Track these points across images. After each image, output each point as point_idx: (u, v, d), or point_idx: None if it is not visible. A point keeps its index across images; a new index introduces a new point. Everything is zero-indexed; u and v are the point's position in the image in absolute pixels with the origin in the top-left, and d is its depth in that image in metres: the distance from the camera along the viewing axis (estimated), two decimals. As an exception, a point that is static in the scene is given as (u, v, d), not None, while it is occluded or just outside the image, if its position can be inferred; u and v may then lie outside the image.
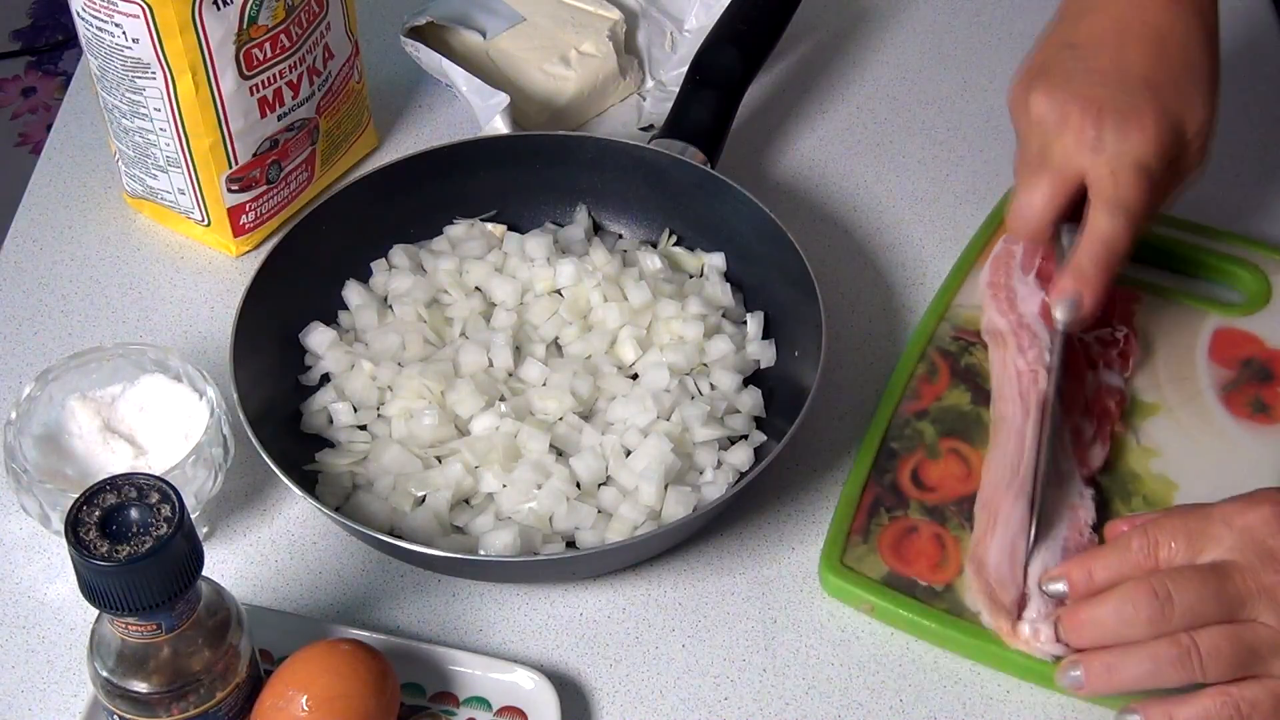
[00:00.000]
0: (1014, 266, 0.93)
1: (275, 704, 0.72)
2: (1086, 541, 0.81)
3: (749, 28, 1.03)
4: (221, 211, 0.98)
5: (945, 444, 0.87)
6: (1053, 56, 0.86)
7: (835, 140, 1.09)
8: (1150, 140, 0.81)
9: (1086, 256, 0.81)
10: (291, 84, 0.96)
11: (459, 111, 1.09)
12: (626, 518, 0.83)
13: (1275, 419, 0.88)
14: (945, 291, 0.94)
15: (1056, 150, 0.83)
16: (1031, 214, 0.84)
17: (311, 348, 0.92)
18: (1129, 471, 0.86)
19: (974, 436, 0.87)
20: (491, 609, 0.83)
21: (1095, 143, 0.81)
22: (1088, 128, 0.82)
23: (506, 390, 0.88)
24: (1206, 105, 0.84)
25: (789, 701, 0.80)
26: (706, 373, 0.90)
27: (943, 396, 0.89)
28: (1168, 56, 0.84)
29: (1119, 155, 0.81)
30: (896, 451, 0.86)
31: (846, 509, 0.84)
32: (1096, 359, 0.90)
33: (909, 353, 0.91)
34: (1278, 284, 0.95)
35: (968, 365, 0.91)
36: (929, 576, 0.81)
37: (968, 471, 0.86)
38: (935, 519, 0.84)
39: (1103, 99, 0.82)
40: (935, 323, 0.93)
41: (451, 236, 0.97)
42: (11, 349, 0.95)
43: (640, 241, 0.98)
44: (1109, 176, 0.81)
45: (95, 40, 0.91)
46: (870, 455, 0.86)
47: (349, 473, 0.86)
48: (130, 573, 0.63)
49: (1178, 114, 0.82)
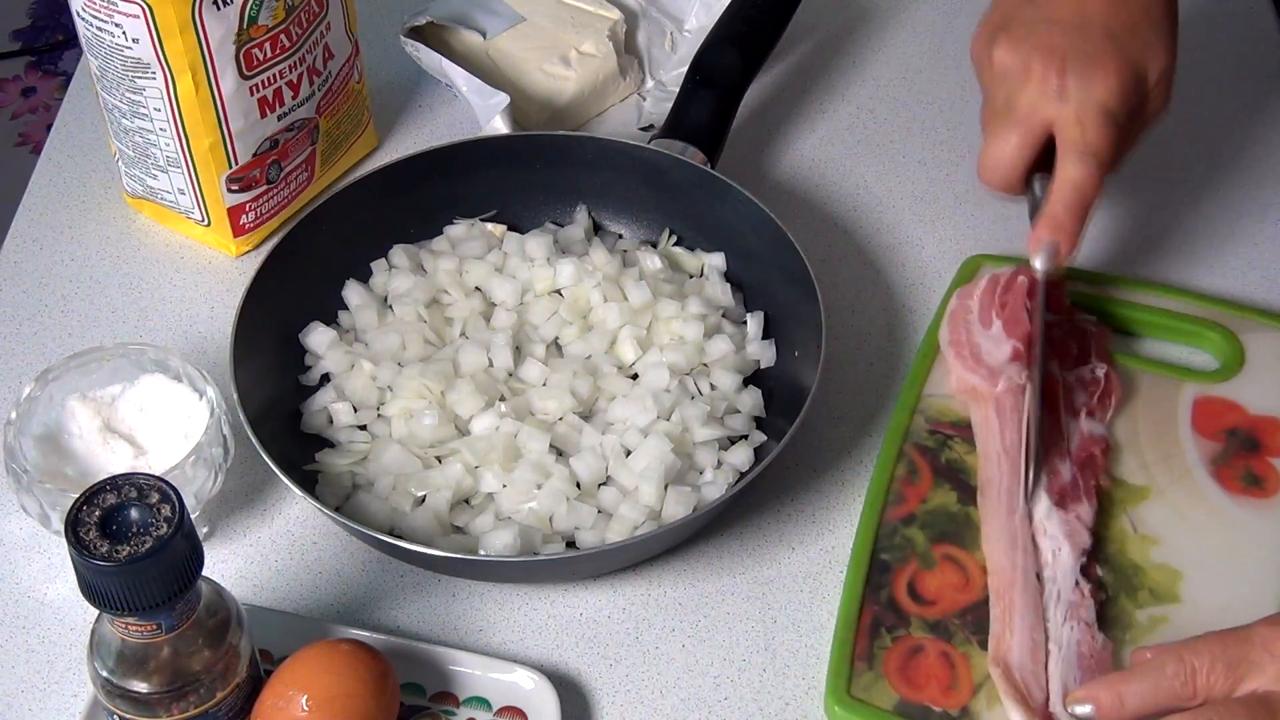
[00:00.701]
0: (972, 322, 0.90)
1: (275, 704, 0.72)
2: (1100, 648, 0.78)
3: (749, 28, 1.03)
4: (221, 211, 0.98)
5: (938, 550, 0.83)
6: (1013, 10, 0.87)
7: (835, 140, 1.09)
8: (1113, 86, 0.83)
9: (1060, 204, 0.83)
10: (291, 84, 0.96)
11: (459, 111, 1.09)
12: (626, 518, 0.83)
13: (1269, 491, 0.85)
14: (913, 382, 0.90)
15: (1022, 101, 0.84)
16: (1002, 163, 0.85)
17: (311, 348, 0.92)
18: (1131, 564, 0.82)
19: (966, 539, 0.83)
20: (491, 609, 0.83)
21: (1060, 91, 0.83)
22: (1051, 77, 0.83)
23: (506, 390, 0.88)
24: (1166, 51, 0.86)
25: (789, 702, 0.80)
26: (706, 373, 0.90)
27: (928, 498, 0.85)
28: (1126, 5, 0.85)
29: (1084, 103, 0.83)
30: (889, 564, 0.82)
31: (846, 632, 0.79)
32: (1079, 408, 0.87)
33: (885, 452, 0.86)
34: (1249, 344, 0.91)
35: (949, 461, 0.86)
36: (943, 701, 0.77)
37: (965, 580, 0.81)
38: (940, 635, 0.79)
39: (1065, 48, 0.83)
40: (908, 417, 0.88)
41: (451, 236, 0.97)
42: (11, 349, 0.95)
43: (640, 241, 0.98)
44: (1076, 124, 0.83)
45: (95, 40, 0.91)
46: (862, 570, 0.81)
47: (349, 473, 0.86)
48: (130, 573, 0.63)
49: (1139, 60, 0.84)
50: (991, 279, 0.91)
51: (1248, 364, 0.91)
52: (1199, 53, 1.14)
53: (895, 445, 0.87)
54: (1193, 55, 1.13)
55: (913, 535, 0.83)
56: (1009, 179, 0.86)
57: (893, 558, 0.82)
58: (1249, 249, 1.01)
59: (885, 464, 0.86)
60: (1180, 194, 1.04)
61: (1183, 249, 1.01)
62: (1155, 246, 1.01)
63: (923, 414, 0.88)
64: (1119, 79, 0.83)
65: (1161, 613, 0.80)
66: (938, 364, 0.91)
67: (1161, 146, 1.07)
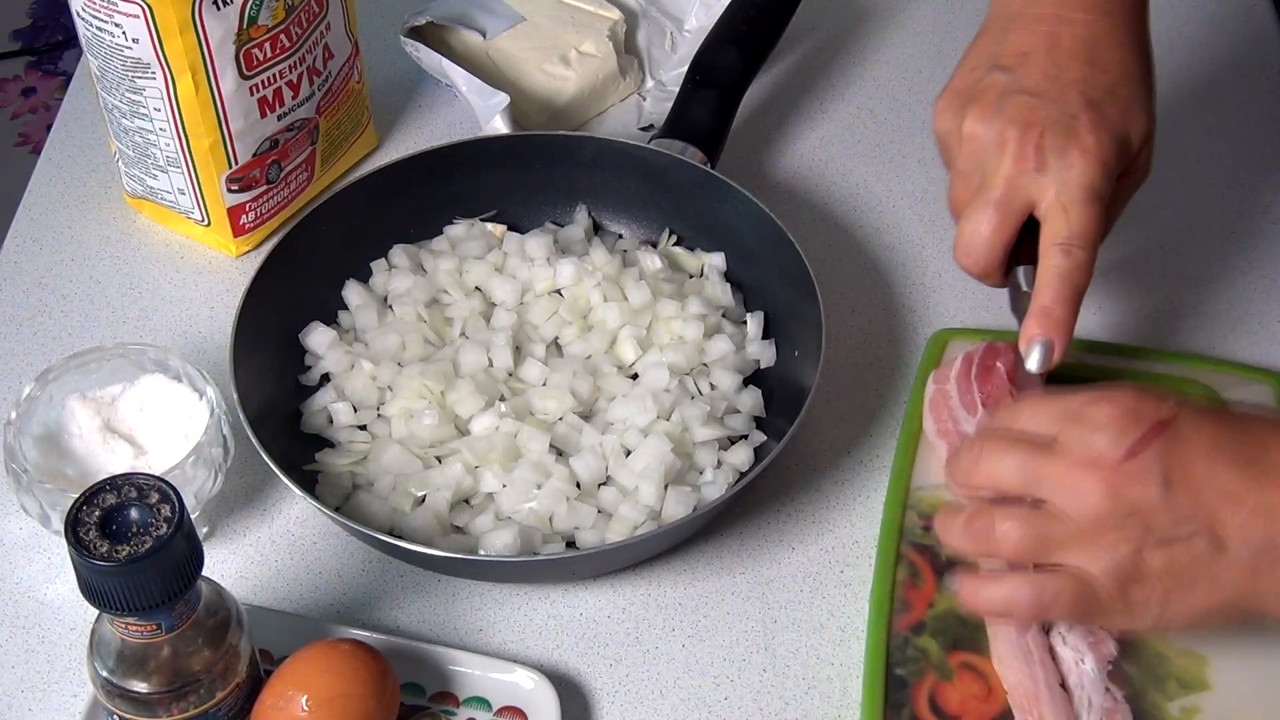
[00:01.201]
0: (955, 407, 0.85)
1: (275, 704, 0.72)
2: None
3: (749, 28, 1.03)
4: (221, 211, 0.98)
5: (954, 659, 0.78)
6: (982, 78, 0.81)
7: (835, 140, 1.09)
8: (1094, 160, 0.78)
9: (1051, 297, 0.78)
10: (291, 84, 0.96)
11: (459, 111, 1.09)
12: (626, 518, 0.83)
13: None
14: (899, 475, 0.85)
15: (998, 178, 0.79)
16: (979, 246, 0.80)
17: (311, 348, 0.92)
18: (1154, 654, 0.78)
19: (982, 645, 0.78)
20: (491, 609, 0.83)
21: (1038, 168, 0.78)
22: (1029, 153, 0.78)
23: (506, 390, 0.88)
24: (1147, 113, 0.81)
25: (789, 701, 0.80)
26: (706, 373, 0.90)
27: (934, 602, 0.80)
28: (1102, 68, 0.80)
29: (1065, 183, 0.78)
30: (905, 680, 0.77)
31: None
32: None
33: (883, 556, 0.82)
34: (1233, 401, 0.88)
35: (950, 559, 0.82)
36: None
37: (988, 689, 0.77)
38: None
39: (1041, 120, 0.78)
40: (900, 514, 0.84)
41: (451, 236, 0.97)
42: (11, 349, 0.95)
43: (640, 241, 0.98)
44: (1060, 210, 0.78)
45: (95, 40, 0.91)
46: (879, 689, 0.77)
47: (349, 473, 0.86)
48: (130, 573, 0.63)
49: (1121, 127, 0.79)
50: (965, 359, 0.87)
51: None
52: (1199, 53, 1.14)
53: (892, 547, 0.82)
54: (1193, 55, 1.14)
55: (925, 645, 0.79)
56: (989, 263, 0.81)
57: (908, 672, 0.78)
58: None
59: (884, 569, 0.81)
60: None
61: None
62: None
63: (914, 509, 0.84)
64: (1099, 150, 0.78)
65: (1193, 703, 0.77)
66: (921, 451, 0.86)
67: (1160, 148, 1.07)
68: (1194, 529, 0.68)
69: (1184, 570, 0.68)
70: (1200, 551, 0.68)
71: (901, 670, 0.78)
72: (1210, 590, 0.69)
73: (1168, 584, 0.69)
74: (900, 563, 0.82)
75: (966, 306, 0.97)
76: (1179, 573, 0.68)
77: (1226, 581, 0.68)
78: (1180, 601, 0.69)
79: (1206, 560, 0.68)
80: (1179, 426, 0.68)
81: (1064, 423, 0.70)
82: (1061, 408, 0.70)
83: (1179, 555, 0.68)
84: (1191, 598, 0.69)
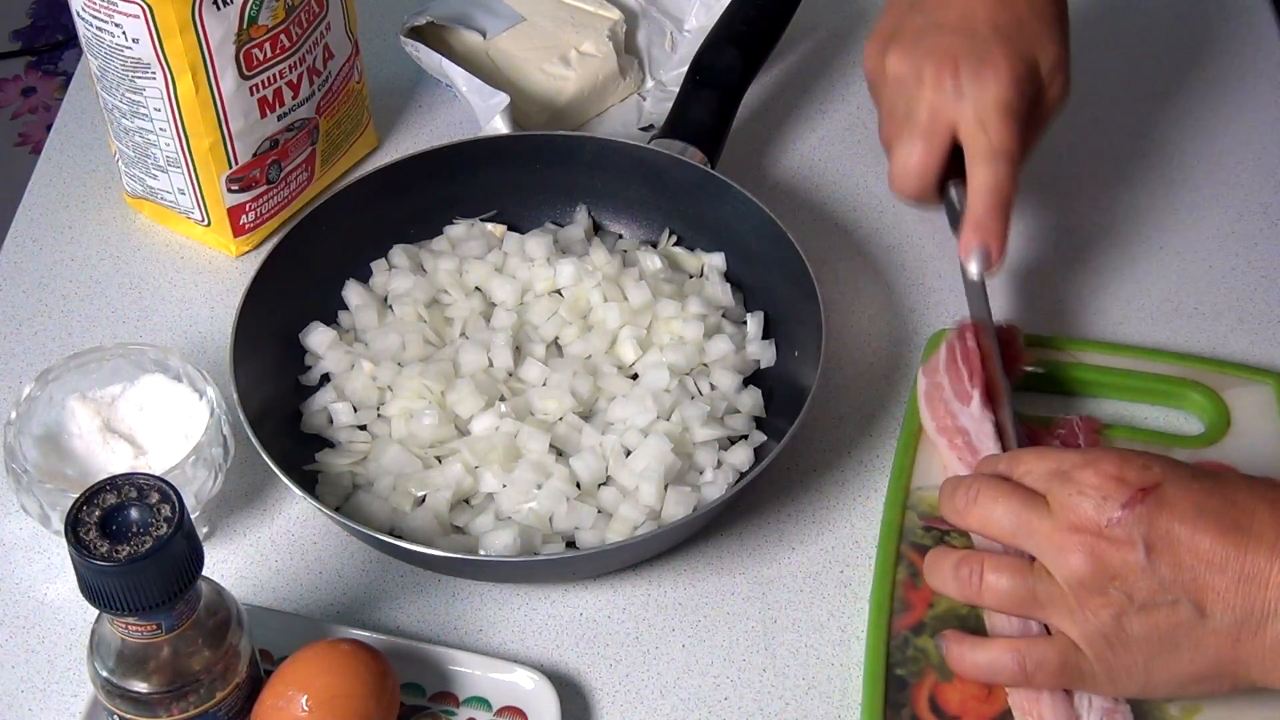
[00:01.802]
0: (949, 400, 0.85)
1: (275, 704, 0.72)
2: None
3: (749, 28, 1.03)
4: (221, 211, 0.98)
5: None
6: (901, 18, 0.88)
7: (835, 140, 1.09)
8: (1006, 81, 0.84)
9: (980, 207, 0.84)
10: (291, 84, 0.96)
11: (459, 111, 1.09)
12: (626, 518, 0.83)
13: None
14: (899, 475, 0.85)
15: (921, 108, 0.85)
16: (913, 173, 0.86)
17: (311, 348, 0.92)
18: None
19: None
20: (491, 609, 0.83)
21: (955, 93, 0.84)
22: (945, 80, 0.84)
23: (506, 390, 0.88)
24: (1056, 41, 0.87)
25: (789, 701, 0.80)
26: (706, 373, 0.90)
27: (935, 602, 0.80)
28: (1012, 5, 0.86)
29: (981, 102, 0.84)
30: (905, 680, 0.77)
31: None
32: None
33: (883, 556, 0.82)
34: (1233, 402, 0.88)
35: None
36: None
37: (988, 689, 0.77)
38: None
39: (955, 50, 0.85)
40: (899, 515, 0.84)
41: (451, 236, 0.97)
42: (11, 349, 0.95)
43: (640, 241, 0.98)
44: (978, 126, 0.84)
45: (95, 40, 0.91)
46: (879, 689, 0.77)
47: (349, 473, 0.86)
48: (130, 573, 0.63)
49: (1029, 53, 0.85)
50: (948, 347, 0.88)
51: (1234, 424, 0.87)
52: (1199, 53, 1.14)
53: (892, 547, 0.82)
54: (1193, 55, 1.14)
55: (925, 645, 0.79)
56: (922, 188, 0.87)
57: (908, 672, 0.78)
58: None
59: (884, 569, 0.81)
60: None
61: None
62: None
63: (914, 509, 0.84)
64: (1010, 73, 0.84)
65: (1193, 703, 0.76)
66: (921, 450, 0.87)
67: (1160, 148, 1.07)
68: (1176, 595, 0.68)
69: (1166, 637, 0.69)
70: (1183, 618, 0.68)
71: (901, 670, 0.78)
72: (1193, 657, 0.69)
73: (1149, 650, 0.69)
74: (900, 563, 0.82)
75: (967, 306, 0.96)
76: (1161, 639, 0.69)
77: (1209, 648, 0.69)
78: (1163, 669, 0.70)
79: (1189, 627, 0.68)
80: (1163, 492, 0.69)
81: (1055, 481, 0.71)
82: (1054, 465, 0.72)
83: (1161, 621, 0.69)
84: (1174, 664, 0.70)
